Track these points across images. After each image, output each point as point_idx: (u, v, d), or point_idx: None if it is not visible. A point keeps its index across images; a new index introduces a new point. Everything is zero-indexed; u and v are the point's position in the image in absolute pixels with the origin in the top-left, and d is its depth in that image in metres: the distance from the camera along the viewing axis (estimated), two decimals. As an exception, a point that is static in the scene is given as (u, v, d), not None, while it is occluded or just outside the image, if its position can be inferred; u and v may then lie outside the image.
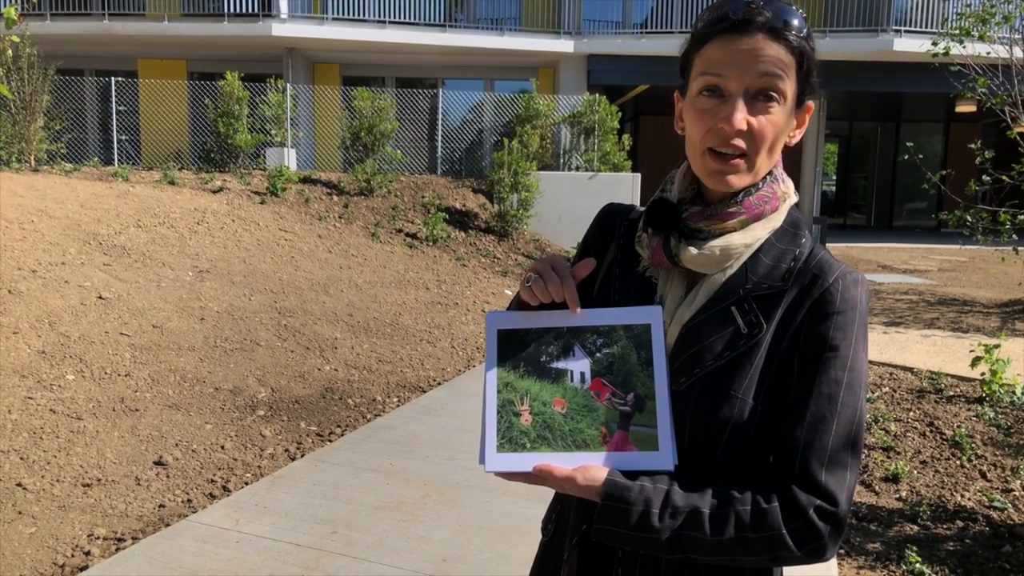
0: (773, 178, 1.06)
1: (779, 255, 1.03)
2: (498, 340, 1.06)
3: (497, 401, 1.04)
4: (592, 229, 1.22)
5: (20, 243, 6.22)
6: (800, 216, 1.09)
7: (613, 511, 0.95)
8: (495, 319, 1.07)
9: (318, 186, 11.05)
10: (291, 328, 6.40)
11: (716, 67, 0.98)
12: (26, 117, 10.51)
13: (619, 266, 1.14)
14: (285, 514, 3.49)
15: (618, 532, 0.96)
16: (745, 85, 0.97)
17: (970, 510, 3.66)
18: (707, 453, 0.99)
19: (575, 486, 0.97)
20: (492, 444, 1.02)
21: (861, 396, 0.97)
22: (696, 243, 1.04)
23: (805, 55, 1.00)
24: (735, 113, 0.97)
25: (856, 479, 0.96)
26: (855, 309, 0.99)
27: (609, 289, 1.13)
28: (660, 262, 1.07)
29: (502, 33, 15.10)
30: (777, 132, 1.00)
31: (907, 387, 5.62)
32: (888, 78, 14.98)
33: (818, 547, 0.92)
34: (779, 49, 0.97)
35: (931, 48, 7.47)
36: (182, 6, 14.97)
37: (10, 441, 3.97)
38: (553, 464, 0.98)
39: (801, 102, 1.03)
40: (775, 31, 0.97)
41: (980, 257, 13.15)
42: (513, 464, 1.00)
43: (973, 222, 7.60)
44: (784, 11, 0.98)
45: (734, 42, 0.97)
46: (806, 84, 1.02)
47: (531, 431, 1.01)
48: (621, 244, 1.16)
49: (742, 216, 1.03)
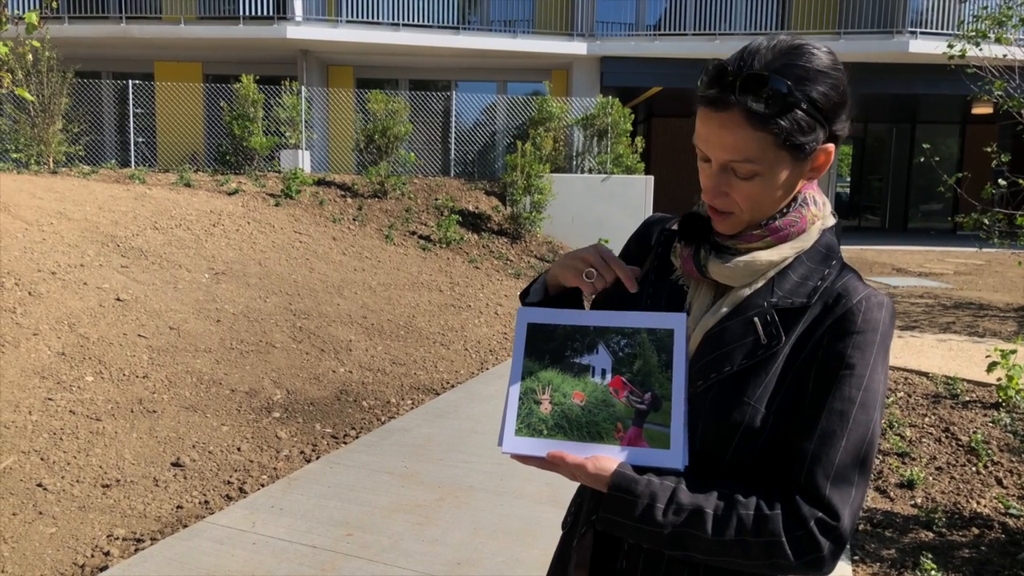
0: (801, 203, 1.07)
1: (807, 273, 1.05)
2: (527, 333, 1.12)
3: (520, 388, 1.09)
4: (633, 239, 1.28)
5: (40, 245, 6.30)
6: (835, 240, 1.09)
7: (619, 501, 0.99)
8: (526, 314, 1.13)
9: (332, 188, 11.11)
10: (306, 330, 6.45)
11: (697, 136, 1.03)
12: (45, 120, 10.65)
13: (655, 272, 1.19)
14: (301, 516, 3.52)
15: (622, 523, 0.99)
16: (719, 162, 1.01)
17: (986, 517, 3.64)
18: (717, 456, 1.02)
19: (585, 473, 1.01)
20: (511, 428, 1.07)
21: (875, 417, 0.99)
22: (724, 256, 1.07)
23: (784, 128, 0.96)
24: (711, 187, 1.03)
25: (863, 498, 0.98)
26: (876, 331, 1.00)
27: (642, 293, 1.17)
28: (690, 272, 1.11)
29: (515, 35, 15.13)
30: (755, 198, 1.02)
31: (922, 392, 5.59)
32: (903, 80, 14.88)
33: (816, 559, 0.94)
34: (751, 133, 0.96)
35: (947, 51, 7.43)
36: (198, 9, 15.10)
37: (31, 442, 4.03)
38: (566, 452, 1.02)
39: (803, 155, 1.00)
40: (749, 113, 0.95)
41: (997, 260, 13.04)
42: (529, 448, 1.05)
43: (990, 225, 7.55)
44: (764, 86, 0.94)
45: (711, 118, 0.99)
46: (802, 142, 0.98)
47: (549, 419, 1.06)
48: (659, 252, 1.20)
49: (767, 238, 1.06)
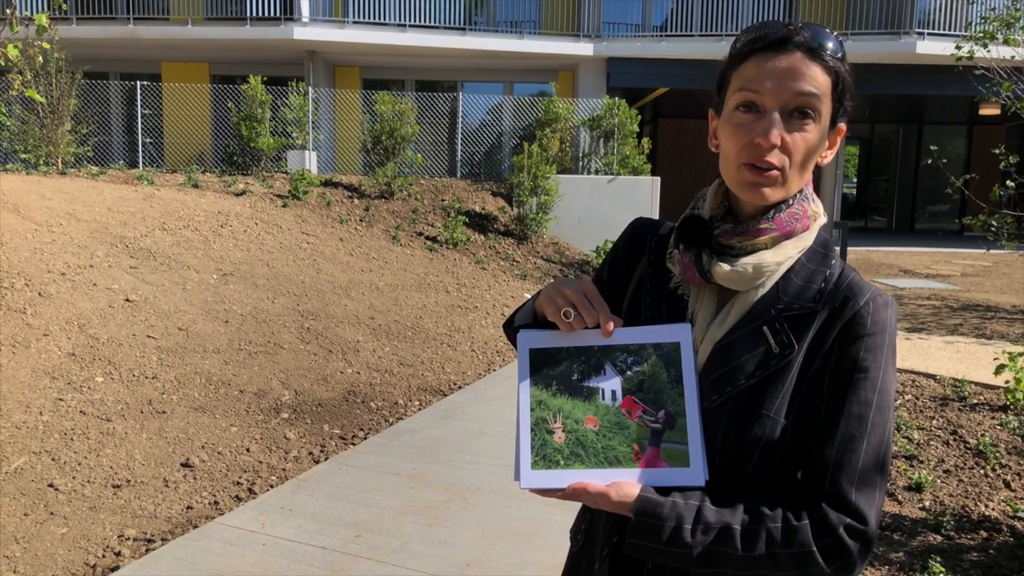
0: (804, 196, 1.07)
1: (810, 275, 1.05)
2: (530, 359, 1.08)
3: (531, 419, 1.06)
4: (621, 243, 1.24)
5: (50, 246, 6.34)
6: (829, 237, 1.11)
7: (646, 526, 0.97)
8: (527, 339, 1.09)
9: (339, 189, 11.14)
10: (314, 331, 6.47)
11: (753, 83, 1.01)
12: (54, 121, 10.70)
13: (650, 282, 1.15)
14: (310, 517, 3.54)
15: (651, 547, 0.98)
16: (781, 102, 1.00)
17: (994, 520, 3.64)
18: (738, 469, 1.01)
19: (609, 502, 0.99)
20: (527, 461, 1.04)
21: (890, 417, 1.00)
22: (728, 260, 1.05)
23: (840, 77, 1.03)
24: (771, 128, 0.99)
25: (884, 498, 0.98)
26: (884, 331, 1.01)
27: (639, 305, 1.14)
28: (692, 278, 1.08)
29: (522, 36, 15.14)
30: (810, 149, 1.02)
31: (930, 394, 5.58)
32: (910, 81, 14.84)
33: (847, 564, 0.94)
34: (815, 69, 1.00)
35: (954, 52, 7.41)
36: (205, 10, 15.15)
37: (42, 442, 4.06)
38: (587, 480, 1.01)
39: (834, 123, 1.06)
40: (812, 51, 1.00)
41: (1004, 262, 12.99)
42: (548, 481, 1.03)
43: (997, 227, 7.53)
44: (821, 34, 1.02)
45: (772, 60, 1.00)
46: (840, 105, 1.05)
47: (564, 448, 1.03)
48: (652, 260, 1.17)
49: (773, 233, 1.04)
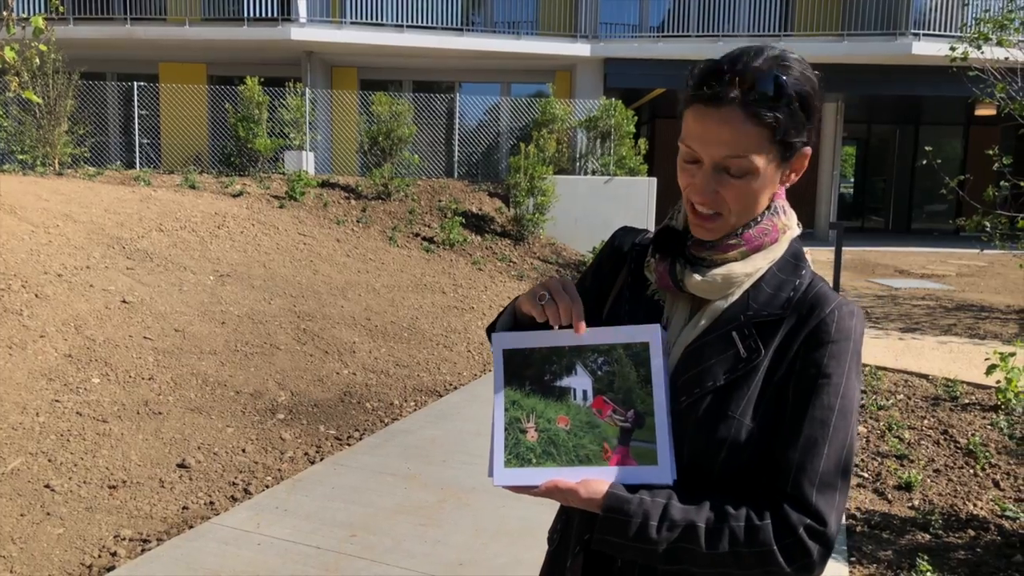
0: (773, 211, 1.10)
1: (780, 284, 1.08)
2: (504, 360, 1.12)
3: (504, 419, 1.10)
4: (605, 250, 1.28)
5: (46, 247, 6.36)
6: (801, 248, 1.14)
7: (613, 522, 1.01)
8: (501, 340, 1.13)
9: (336, 190, 11.17)
10: (310, 332, 6.50)
11: (689, 139, 1.04)
12: (51, 122, 10.72)
13: (629, 289, 1.20)
14: (305, 517, 3.57)
15: (618, 542, 1.01)
16: (714, 161, 1.03)
17: (982, 519, 3.67)
18: (705, 469, 1.04)
19: (578, 498, 1.03)
20: (500, 459, 1.08)
21: (852, 422, 1.03)
22: (700, 270, 1.09)
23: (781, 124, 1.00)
24: (704, 187, 1.04)
25: (845, 501, 1.02)
26: (849, 339, 1.04)
27: (620, 310, 1.19)
28: (666, 286, 1.12)
29: (519, 36, 15.16)
30: (750, 196, 1.05)
31: (922, 394, 5.62)
32: (906, 81, 14.88)
33: (807, 564, 0.97)
34: (748, 127, 1.00)
35: (949, 53, 7.46)
36: (202, 10, 15.16)
37: (38, 443, 4.08)
38: (558, 478, 1.05)
39: (792, 154, 1.06)
40: (748, 105, 0.99)
41: (999, 262, 13.04)
42: (520, 478, 1.07)
43: (992, 227, 7.57)
44: (763, 81, 0.99)
45: (707, 115, 1.01)
46: (788, 145, 1.03)
47: (537, 447, 1.07)
48: (632, 268, 1.21)
49: (742, 248, 1.08)
